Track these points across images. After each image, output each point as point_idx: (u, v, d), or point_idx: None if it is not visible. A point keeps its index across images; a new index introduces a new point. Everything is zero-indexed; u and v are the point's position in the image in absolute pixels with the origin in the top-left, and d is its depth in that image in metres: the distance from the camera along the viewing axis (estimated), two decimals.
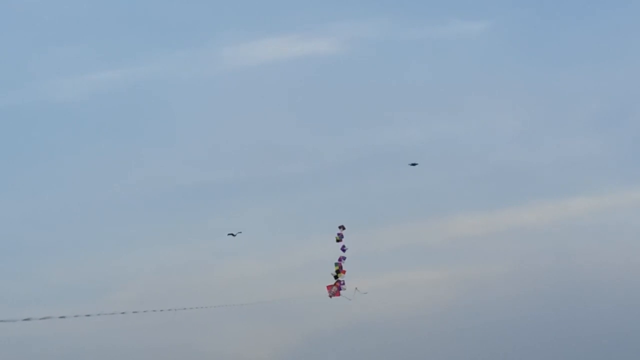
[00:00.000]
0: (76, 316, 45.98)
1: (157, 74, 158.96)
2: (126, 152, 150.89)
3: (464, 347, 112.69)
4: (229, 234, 75.09)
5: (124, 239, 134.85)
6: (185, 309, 56.10)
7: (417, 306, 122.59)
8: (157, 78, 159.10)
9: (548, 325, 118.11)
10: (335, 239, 72.40)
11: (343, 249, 71.73)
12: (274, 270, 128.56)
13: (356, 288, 71.92)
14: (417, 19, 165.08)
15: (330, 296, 69.94)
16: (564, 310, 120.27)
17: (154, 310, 53.90)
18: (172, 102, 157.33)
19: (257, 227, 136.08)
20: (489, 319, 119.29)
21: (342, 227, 72.07)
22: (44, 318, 43.81)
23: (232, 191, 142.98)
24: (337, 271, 71.08)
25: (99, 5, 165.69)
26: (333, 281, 70.58)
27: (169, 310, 54.29)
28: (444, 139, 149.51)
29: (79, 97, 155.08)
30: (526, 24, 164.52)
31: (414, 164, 77.21)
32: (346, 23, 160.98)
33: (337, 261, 70.68)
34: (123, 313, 50.52)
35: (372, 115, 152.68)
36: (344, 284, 70.14)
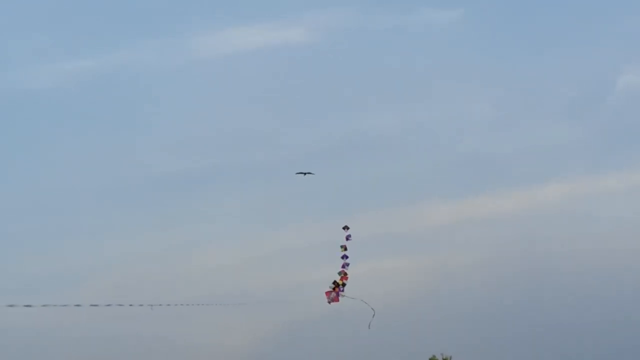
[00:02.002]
0: (44, 305, 45.76)
1: (128, 62, 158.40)
2: (99, 140, 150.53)
3: (437, 336, 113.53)
4: (297, 173, 71.87)
5: (98, 228, 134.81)
6: (161, 305, 55.95)
7: (389, 295, 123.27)
8: (129, 67, 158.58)
9: (520, 313, 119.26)
10: (342, 250, 71.22)
11: (345, 257, 71.03)
12: (249, 259, 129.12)
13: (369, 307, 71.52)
14: (388, 7, 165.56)
15: (329, 302, 69.36)
16: (535, 298, 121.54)
17: (130, 305, 53.73)
18: (144, 90, 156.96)
19: (232, 216, 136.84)
20: (461, 307, 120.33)
21: (346, 228, 70.83)
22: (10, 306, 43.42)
23: (206, 180, 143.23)
24: (340, 277, 70.65)
25: None
26: (332, 287, 70.27)
27: (141, 305, 53.96)
28: (416, 127, 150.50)
29: (49, 86, 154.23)
30: (496, 13, 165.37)
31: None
32: (317, 12, 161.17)
33: (340, 269, 70.10)
34: (95, 305, 50.22)
35: (344, 104, 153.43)
36: (343, 290, 69.74)
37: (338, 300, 69.10)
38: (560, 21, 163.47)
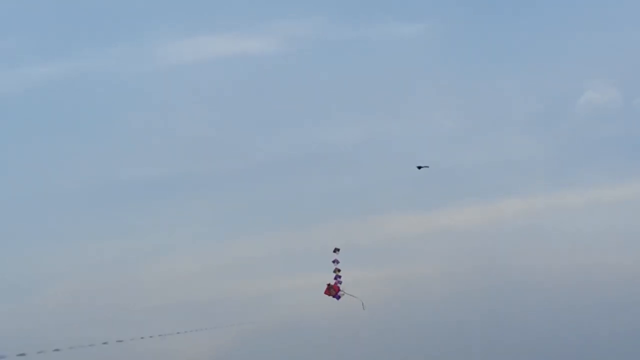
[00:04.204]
0: None
1: (90, 69, 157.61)
2: (58, 147, 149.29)
3: (396, 346, 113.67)
4: (418, 166, 72.09)
5: (57, 235, 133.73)
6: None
7: (350, 305, 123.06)
8: (91, 74, 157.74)
9: (477, 324, 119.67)
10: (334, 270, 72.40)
11: (337, 278, 72.10)
12: (208, 267, 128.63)
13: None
14: (353, 19, 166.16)
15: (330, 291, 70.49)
16: (494, 309, 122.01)
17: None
18: (105, 97, 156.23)
19: (193, 225, 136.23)
20: (420, 318, 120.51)
21: (337, 251, 72.01)
22: None
23: (167, 188, 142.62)
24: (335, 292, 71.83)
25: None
26: (331, 289, 71.30)
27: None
28: (378, 139, 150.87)
29: (10, 91, 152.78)
30: (461, 27, 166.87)
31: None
32: (282, 22, 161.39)
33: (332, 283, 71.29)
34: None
35: (307, 114, 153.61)
36: (340, 289, 70.85)
37: (328, 293, 70.30)
38: (524, 37, 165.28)
